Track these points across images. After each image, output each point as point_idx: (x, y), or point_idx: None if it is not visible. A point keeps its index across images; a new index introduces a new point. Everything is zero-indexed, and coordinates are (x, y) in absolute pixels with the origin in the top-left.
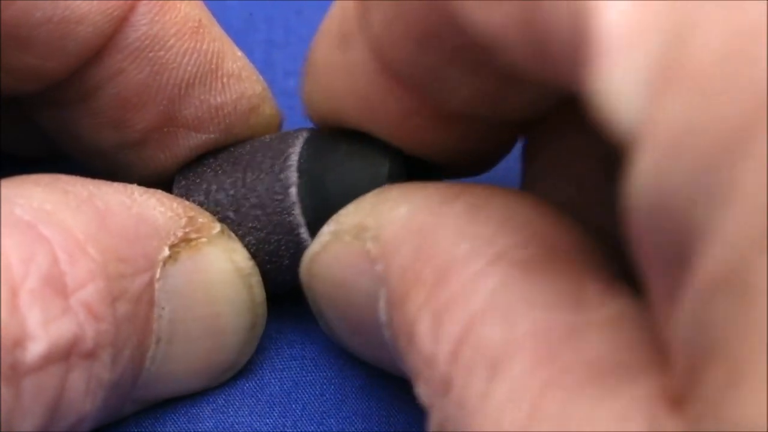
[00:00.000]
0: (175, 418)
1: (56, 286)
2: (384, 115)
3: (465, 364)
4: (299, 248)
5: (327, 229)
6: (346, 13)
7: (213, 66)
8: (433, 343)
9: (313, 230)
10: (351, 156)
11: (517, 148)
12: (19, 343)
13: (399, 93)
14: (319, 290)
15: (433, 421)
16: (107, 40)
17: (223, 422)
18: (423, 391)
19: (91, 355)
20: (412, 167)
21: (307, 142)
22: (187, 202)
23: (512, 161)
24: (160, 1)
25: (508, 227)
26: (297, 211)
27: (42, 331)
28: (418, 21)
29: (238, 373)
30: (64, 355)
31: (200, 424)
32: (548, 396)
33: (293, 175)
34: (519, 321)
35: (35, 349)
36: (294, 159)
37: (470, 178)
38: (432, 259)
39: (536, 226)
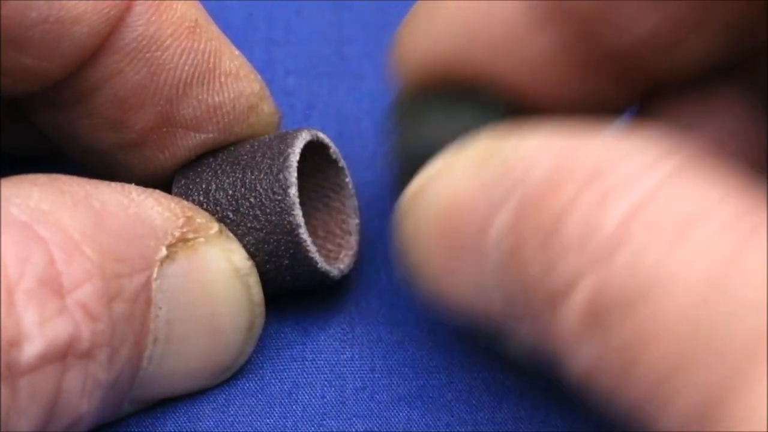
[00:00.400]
0: (175, 417)
1: (52, 286)
2: (521, 57)
3: (637, 232)
4: (299, 248)
5: (447, 153)
6: None
7: (210, 65)
8: (589, 223)
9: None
10: (460, 103)
11: None
12: (15, 343)
13: (553, 29)
14: (422, 218)
15: (579, 296)
16: (103, 41)
17: (223, 422)
18: (562, 273)
19: (87, 355)
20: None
21: (406, 99)
22: (185, 202)
23: None
24: (157, 1)
25: (666, 140)
26: (296, 211)
27: (38, 331)
28: None
29: (238, 373)
30: (61, 355)
31: (200, 424)
32: (745, 250)
33: (292, 175)
34: (705, 192)
35: (31, 349)
36: (293, 159)
37: None
38: (586, 159)
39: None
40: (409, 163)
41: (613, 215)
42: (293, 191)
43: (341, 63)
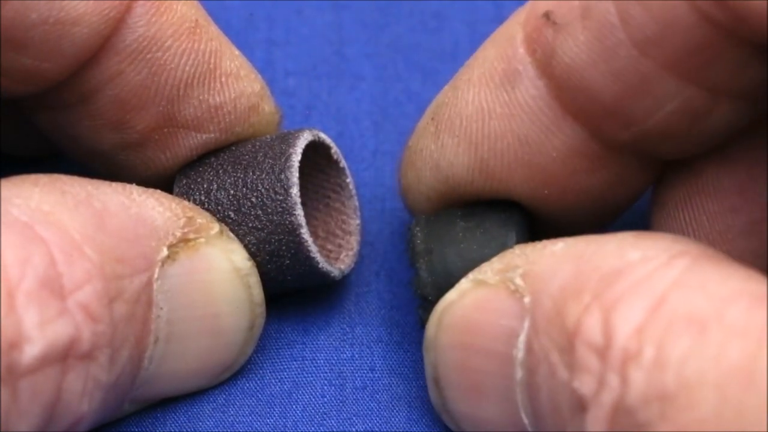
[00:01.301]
0: (175, 417)
1: (53, 288)
2: (542, 158)
3: (657, 333)
4: (300, 249)
5: (465, 280)
6: (510, 54)
7: (211, 66)
8: (605, 331)
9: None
10: (472, 231)
11: None
12: (15, 344)
13: (569, 128)
14: (446, 342)
15: (605, 400)
16: (104, 42)
17: (224, 422)
18: (585, 381)
19: (88, 356)
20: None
21: (422, 224)
22: (186, 203)
23: None
24: (157, 2)
25: (677, 242)
26: (298, 211)
27: (38, 332)
28: (671, 26)
29: (238, 373)
30: (61, 356)
31: (200, 424)
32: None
33: (294, 176)
34: (719, 288)
35: (32, 350)
36: (294, 159)
37: None
38: (596, 270)
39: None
40: (435, 293)
41: (629, 320)
42: (295, 191)
43: (341, 63)
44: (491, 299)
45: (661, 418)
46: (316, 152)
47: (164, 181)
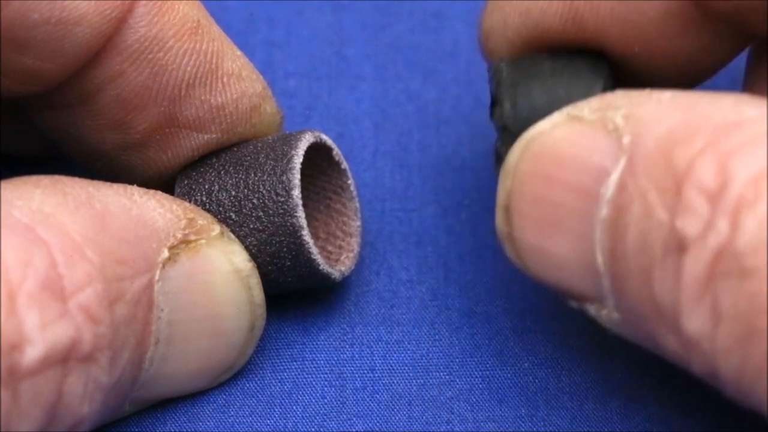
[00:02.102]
0: (175, 417)
1: (54, 290)
2: (638, 16)
3: None
4: (301, 250)
5: (558, 114)
6: None
7: (213, 66)
8: (720, 175)
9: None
10: (560, 71)
11: None
12: (16, 347)
13: None
14: (528, 170)
15: (711, 242)
16: (106, 42)
17: (224, 422)
18: (690, 222)
19: (88, 358)
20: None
21: (508, 60)
22: (187, 204)
23: None
24: (159, 2)
25: None
26: (299, 213)
27: (39, 335)
28: None
29: (238, 374)
30: (62, 358)
31: (201, 424)
32: None
33: (296, 177)
34: None
35: (33, 353)
36: (296, 161)
37: None
38: (711, 120)
39: None
40: (517, 124)
41: (747, 167)
42: (296, 193)
43: (341, 64)
44: (586, 135)
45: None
46: (317, 153)
47: (166, 182)
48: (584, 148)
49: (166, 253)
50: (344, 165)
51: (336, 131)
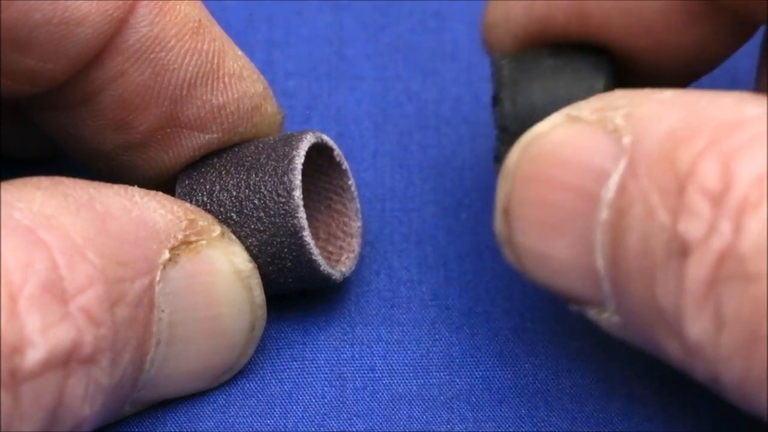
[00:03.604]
0: (175, 417)
1: (55, 292)
2: (642, 8)
3: None
4: (302, 251)
5: (558, 114)
6: None
7: (214, 66)
8: (723, 177)
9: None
10: (560, 69)
11: None
12: (17, 349)
13: None
14: (528, 172)
15: (714, 245)
16: (107, 42)
17: (224, 422)
18: (693, 225)
19: (89, 360)
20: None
21: (509, 56)
22: (187, 205)
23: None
24: (160, 2)
25: None
26: (301, 214)
27: (41, 337)
28: None
29: (238, 374)
30: (63, 361)
31: (201, 424)
32: None
33: (297, 178)
34: None
35: (34, 355)
36: (297, 162)
37: None
38: (712, 119)
39: None
40: (516, 124)
41: (751, 168)
42: (297, 194)
43: (341, 64)
44: (586, 136)
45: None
46: (318, 154)
47: (167, 182)
48: (584, 150)
49: (166, 254)
50: (345, 165)
51: (336, 131)
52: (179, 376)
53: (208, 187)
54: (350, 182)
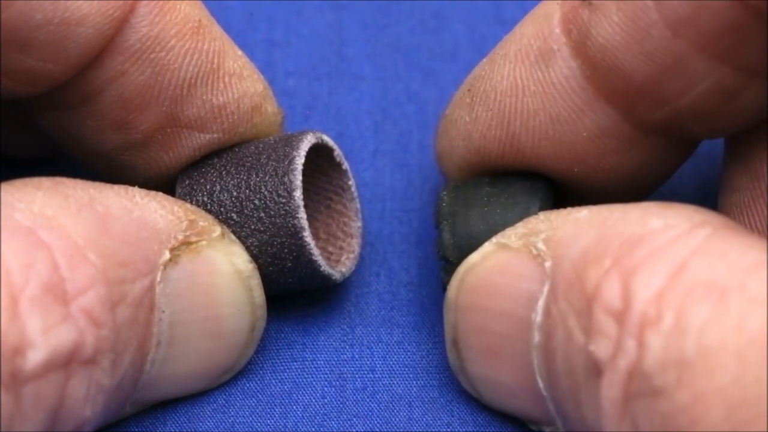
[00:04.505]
0: (175, 417)
1: (56, 293)
2: (572, 137)
3: (677, 299)
4: (302, 252)
5: (488, 243)
6: (546, 33)
7: (214, 66)
8: (624, 295)
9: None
10: (497, 196)
11: None
12: (19, 350)
13: (601, 109)
14: (466, 303)
15: (621, 364)
16: (108, 42)
17: (224, 422)
18: (602, 345)
19: (91, 361)
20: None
21: (450, 188)
22: (188, 205)
23: None
24: (160, 2)
25: (698, 212)
26: (301, 214)
27: (42, 338)
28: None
29: (238, 374)
30: (64, 362)
31: (201, 424)
32: None
33: (297, 178)
34: (741, 258)
35: (35, 356)
36: (298, 162)
37: None
38: (618, 236)
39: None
40: (456, 254)
41: (648, 285)
42: (298, 194)
43: (341, 63)
44: (513, 263)
45: (677, 384)
46: (318, 154)
47: (167, 182)
48: (513, 276)
49: (167, 255)
50: (345, 166)
51: (336, 131)
52: (179, 377)
53: (208, 187)
54: (350, 182)
